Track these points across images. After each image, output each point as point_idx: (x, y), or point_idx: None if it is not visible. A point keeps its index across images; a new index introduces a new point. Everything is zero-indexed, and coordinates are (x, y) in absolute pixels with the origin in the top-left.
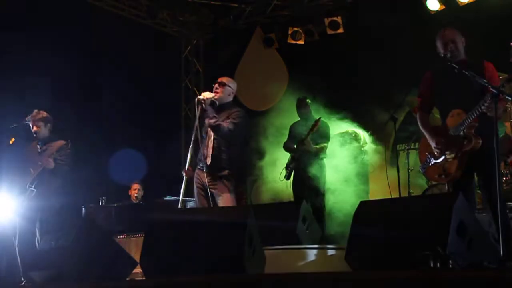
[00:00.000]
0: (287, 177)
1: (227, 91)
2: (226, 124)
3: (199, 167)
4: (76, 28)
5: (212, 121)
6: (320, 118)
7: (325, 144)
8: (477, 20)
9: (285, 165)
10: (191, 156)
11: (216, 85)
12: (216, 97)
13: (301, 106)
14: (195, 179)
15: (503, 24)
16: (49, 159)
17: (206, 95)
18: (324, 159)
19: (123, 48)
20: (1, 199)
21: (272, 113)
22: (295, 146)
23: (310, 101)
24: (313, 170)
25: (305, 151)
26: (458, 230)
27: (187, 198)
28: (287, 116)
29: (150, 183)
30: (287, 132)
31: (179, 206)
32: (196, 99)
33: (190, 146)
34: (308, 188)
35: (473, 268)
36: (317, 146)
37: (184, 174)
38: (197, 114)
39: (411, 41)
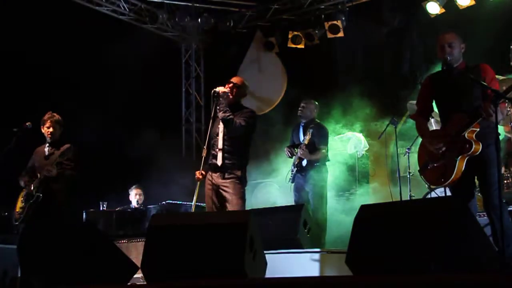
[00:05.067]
0: (292, 179)
1: (240, 93)
2: (238, 120)
3: (210, 167)
4: (75, 31)
5: (226, 114)
6: (315, 124)
7: (323, 150)
8: (477, 23)
9: (290, 168)
10: (205, 159)
11: (231, 86)
12: (230, 97)
13: (302, 108)
14: (206, 180)
15: (503, 27)
16: (51, 168)
17: (221, 88)
18: (326, 163)
19: (123, 52)
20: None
21: (271, 116)
22: (295, 150)
23: (315, 102)
24: (313, 175)
25: (302, 158)
26: (457, 233)
27: (199, 204)
28: (286, 119)
29: (151, 187)
30: (285, 135)
31: (192, 210)
32: (212, 91)
33: (204, 146)
34: (308, 193)
35: (473, 272)
36: (315, 153)
37: (197, 176)
38: (212, 108)
39: (411, 44)
